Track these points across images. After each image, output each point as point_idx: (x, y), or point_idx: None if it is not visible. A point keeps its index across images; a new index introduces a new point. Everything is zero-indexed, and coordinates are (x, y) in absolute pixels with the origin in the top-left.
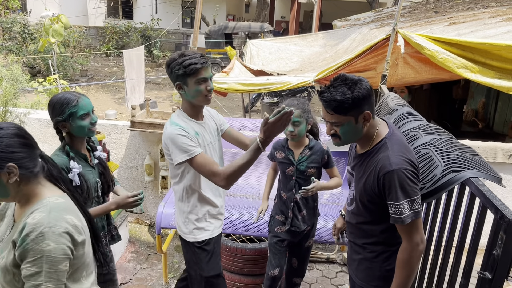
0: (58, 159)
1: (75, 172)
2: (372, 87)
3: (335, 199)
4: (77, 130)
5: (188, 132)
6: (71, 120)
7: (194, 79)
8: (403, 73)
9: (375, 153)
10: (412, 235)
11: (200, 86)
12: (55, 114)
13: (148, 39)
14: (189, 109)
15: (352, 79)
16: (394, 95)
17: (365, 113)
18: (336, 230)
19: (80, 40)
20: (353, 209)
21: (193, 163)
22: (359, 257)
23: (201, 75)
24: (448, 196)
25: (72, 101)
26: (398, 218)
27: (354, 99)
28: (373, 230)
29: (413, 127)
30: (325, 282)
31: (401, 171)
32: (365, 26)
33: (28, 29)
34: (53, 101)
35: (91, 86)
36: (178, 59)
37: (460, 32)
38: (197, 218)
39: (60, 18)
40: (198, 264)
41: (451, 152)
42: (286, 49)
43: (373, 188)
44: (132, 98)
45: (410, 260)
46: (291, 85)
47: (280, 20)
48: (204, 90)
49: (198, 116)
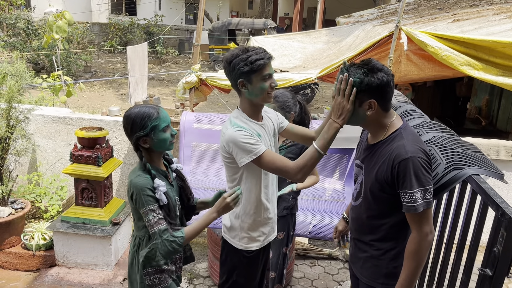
0: (143, 180)
1: (161, 191)
2: (392, 81)
3: (337, 196)
4: (159, 144)
5: (250, 133)
6: (153, 134)
7: (259, 75)
8: (406, 70)
9: (390, 142)
10: (422, 225)
11: (265, 83)
12: (136, 129)
13: (151, 36)
14: (249, 109)
15: (373, 66)
16: (397, 93)
17: (370, 101)
18: (337, 233)
19: (84, 37)
20: (360, 203)
21: (261, 162)
22: (365, 255)
23: (266, 71)
24: (450, 193)
25: (152, 114)
26: (411, 206)
27: (364, 83)
28: (381, 225)
29: (415, 124)
30: (327, 279)
31: (417, 159)
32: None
33: (32, 26)
34: (132, 116)
35: (95, 82)
36: (242, 55)
37: (464, 29)
38: (250, 226)
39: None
40: (237, 271)
41: (453, 150)
42: (290, 46)
43: (385, 177)
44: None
45: (419, 251)
46: (294, 82)
47: (284, 16)
48: (269, 88)
49: (258, 116)
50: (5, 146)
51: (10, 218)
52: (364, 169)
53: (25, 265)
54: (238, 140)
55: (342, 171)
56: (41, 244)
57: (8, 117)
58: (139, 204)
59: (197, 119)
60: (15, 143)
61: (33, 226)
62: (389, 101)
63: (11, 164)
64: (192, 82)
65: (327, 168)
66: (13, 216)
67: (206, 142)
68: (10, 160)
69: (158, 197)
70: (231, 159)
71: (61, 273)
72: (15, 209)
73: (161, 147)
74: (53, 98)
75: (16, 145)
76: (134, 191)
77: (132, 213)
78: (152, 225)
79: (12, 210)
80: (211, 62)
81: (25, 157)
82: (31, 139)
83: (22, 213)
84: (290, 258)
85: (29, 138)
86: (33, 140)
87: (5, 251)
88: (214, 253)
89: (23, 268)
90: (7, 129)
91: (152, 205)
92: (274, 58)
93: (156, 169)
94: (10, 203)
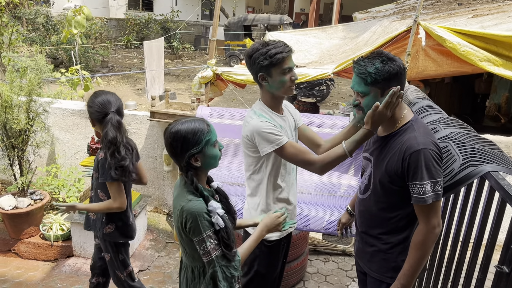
0: (198, 205)
1: (219, 214)
2: (405, 68)
3: (352, 192)
4: (210, 162)
5: (273, 124)
6: (206, 150)
7: (279, 69)
8: (423, 66)
9: (401, 134)
10: (430, 217)
11: (285, 76)
12: (189, 146)
13: (168, 31)
14: (270, 101)
15: (387, 55)
16: (414, 88)
17: (391, 88)
18: (340, 225)
19: (101, 32)
20: (369, 196)
21: (283, 152)
22: (373, 249)
23: (286, 65)
24: (467, 190)
25: (204, 128)
26: (420, 198)
27: (384, 72)
28: (390, 218)
29: (432, 120)
30: (340, 274)
31: (428, 151)
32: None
33: (51, 21)
34: (182, 133)
35: (112, 77)
36: (262, 49)
37: (484, 25)
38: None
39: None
40: (258, 261)
41: (470, 146)
42: (305, 41)
43: (396, 168)
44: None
45: (425, 242)
46: (310, 77)
47: (300, 12)
48: (289, 81)
49: (279, 109)
50: (25, 138)
51: (29, 209)
52: (373, 161)
53: (43, 255)
54: (261, 130)
55: (357, 167)
56: (59, 234)
57: (28, 109)
58: (194, 231)
59: (212, 114)
60: (34, 135)
61: (52, 217)
62: (404, 86)
63: (31, 156)
64: (208, 76)
65: (342, 164)
66: (32, 207)
67: (221, 136)
68: (29, 152)
69: (214, 221)
70: (254, 148)
71: (78, 263)
72: (34, 200)
73: (212, 164)
74: (71, 92)
75: (35, 137)
76: (189, 218)
77: (183, 243)
78: (209, 252)
79: (31, 201)
80: (227, 58)
81: (44, 149)
82: (50, 132)
83: (41, 204)
84: (304, 253)
85: (48, 130)
86: (52, 133)
87: (24, 241)
88: None
89: (42, 258)
90: (27, 121)
91: (209, 230)
92: (295, 52)
93: (205, 190)
94: (29, 194)
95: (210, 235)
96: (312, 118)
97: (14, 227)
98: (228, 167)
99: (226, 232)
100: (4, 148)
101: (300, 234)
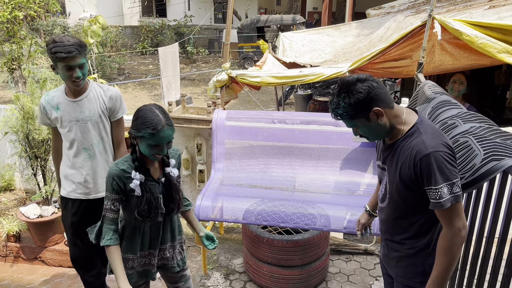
0: (111, 169)
1: (135, 182)
2: (372, 79)
3: (372, 190)
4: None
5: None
6: (140, 141)
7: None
8: (440, 60)
9: (408, 139)
10: (453, 220)
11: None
12: (133, 125)
13: (181, 36)
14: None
15: (347, 85)
16: (431, 83)
17: (373, 110)
18: (360, 226)
19: (117, 40)
20: (388, 204)
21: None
22: (398, 254)
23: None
24: (490, 185)
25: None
26: (437, 203)
27: (352, 105)
28: (411, 224)
29: (451, 115)
30: (363, 274)
31: (439, 154)
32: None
33: (68, 31)
34: (139, 113)
35: (128, 84)
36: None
37: (501, 16)
38: None
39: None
40: None
41: (492, 140)
42: (319, 40)
43: (409, 175)
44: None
45: (452, 247)
46: (325, 77)
47: (312, 11)
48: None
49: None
50: (47, 148)
51: (53, 217)
52: (387, 170)
53: (69, 262)
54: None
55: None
56: None
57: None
58: (105, 188)
59: (228, 117)
60: None
61: None
62: (387, 96)
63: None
64: (223, 80)
65: (361, 162)
66: (56, 215)
67: (238, 139)
68: (52, 162)
69: (133, 187)
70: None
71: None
72: (58, 208)
73: (145, 153)
74: None
75: None
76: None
77: None
78: (105, 209)
79: (55, 209)
80: (241, 60)
81: None
82: None
83: None
84: (325, 254)
85: None
86: None
87: (50, 248)
88: (249, 249)
89: (67, 264)
90: (49, 131)
91: (109, 192)
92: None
93: (142, 165)
94: (53, 202)
95: (108, 196)
96: (328, 117)
97: (39, 235)
98: (246, 169)
99: (146, 202)
100: (27, 158)
101: (321, 234)
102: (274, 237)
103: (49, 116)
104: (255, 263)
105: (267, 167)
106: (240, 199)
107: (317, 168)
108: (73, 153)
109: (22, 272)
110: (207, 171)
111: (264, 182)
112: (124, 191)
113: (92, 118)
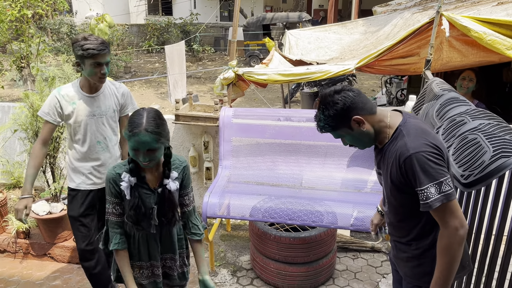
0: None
1: (124, 185)
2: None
3: (379, 188)
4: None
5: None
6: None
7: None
8: (448, 57)
9: (393, 142)
10: (448, 219)
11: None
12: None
13: (187, 34)
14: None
15: (325, 97)
16: (439, 80)
17: (353, 118)
18: (373, 226)
19: (123, 38)
20: (388, 209)
21: None
22: (406, 255)
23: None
24: (499, 182)
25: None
26: (425, 204)
27: (332, 116)
28: (413, 226)
29: (459, 112)
30: (370, 271)
31: (420, 154)
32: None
33: (75, 30)
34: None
35: (135, 82)
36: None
37: (510, 12)
38: None
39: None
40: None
41: (501, 137)
42: (325, 38)
43: (398, 178)
44: (175, 93)
45: (450, 246)
46: (332, 74)
47: (318, 8)
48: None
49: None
50: (56, 146)
51: (62, 214)
52: (382, 174)
53: (77, 258)
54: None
55: None
56: None
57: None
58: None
59: (235, 114)
60: (65, 142)
61: None
62: (366, 103)
63: (62, 163)
64: (230, 78)
65: (368, 160)
66: (65, 212)
67: (245, 136)
68: (61, 159)
69: (122, 188)
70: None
71: None
72: (66, 204)
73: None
74: None
75: (66, 144)
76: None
77: None
78: (107, 212)
79: (64, 206)
80: (247, 58)
81: None
82: None
83: None
84: (332, 251)
85: None
86: None
87: (59, 245)
88: (256, 246)
89: (76, 261)
90: (57, 129)
91: (109, 196)
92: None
93: (137, 169)
94: (62, 199)
95: (109, 200)
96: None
97: (48, 231)
98: (253, 166)
99: (134, 209)
100: None
101: (328, 231)
102: (281, 234)
103: (63, 110)
104: (262, 260)
105: (274, 164)
106: (247, 196)
107: (324, 165)
108: (86, 146)
109: (31, 268)
110: (214, 169)
111: (271, 179)
112: (120, 195)
113: (107, 113)
